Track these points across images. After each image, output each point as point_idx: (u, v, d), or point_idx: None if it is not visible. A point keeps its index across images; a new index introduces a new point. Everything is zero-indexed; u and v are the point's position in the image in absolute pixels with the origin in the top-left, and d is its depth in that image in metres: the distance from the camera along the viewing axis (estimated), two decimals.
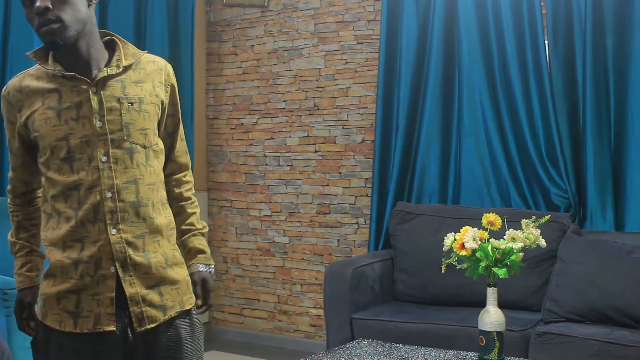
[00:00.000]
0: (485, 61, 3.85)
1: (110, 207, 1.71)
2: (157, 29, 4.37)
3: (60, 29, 1.68)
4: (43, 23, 1.67)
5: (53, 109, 1.73)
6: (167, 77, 1.90)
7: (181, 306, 1.83)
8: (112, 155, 1.73)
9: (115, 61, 1.79)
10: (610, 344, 2.84)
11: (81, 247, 1.71)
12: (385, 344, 2.74)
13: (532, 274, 3.40)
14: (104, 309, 1.70)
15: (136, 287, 1.73)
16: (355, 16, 4.37)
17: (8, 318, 2.92)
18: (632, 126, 3.51)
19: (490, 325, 2.33)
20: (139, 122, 1.78)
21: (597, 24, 3.53)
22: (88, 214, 1.71)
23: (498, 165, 3.84)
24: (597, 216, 3.58)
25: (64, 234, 1.72)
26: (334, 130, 4.45)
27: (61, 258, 1.72)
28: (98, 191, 1.71)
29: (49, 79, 1.76)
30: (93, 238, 1.71)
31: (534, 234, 2.36)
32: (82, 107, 1.73)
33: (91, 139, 1.72)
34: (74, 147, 1.72)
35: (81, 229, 1.71)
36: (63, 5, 1.67)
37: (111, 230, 1.71)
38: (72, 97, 1.73)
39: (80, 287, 1.70)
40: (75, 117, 1.72)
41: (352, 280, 3.48)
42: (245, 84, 4.80)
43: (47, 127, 1.72)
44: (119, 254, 1.72)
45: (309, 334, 4.56)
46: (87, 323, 1.70)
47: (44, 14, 1.66)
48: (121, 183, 1.73)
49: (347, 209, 4.41)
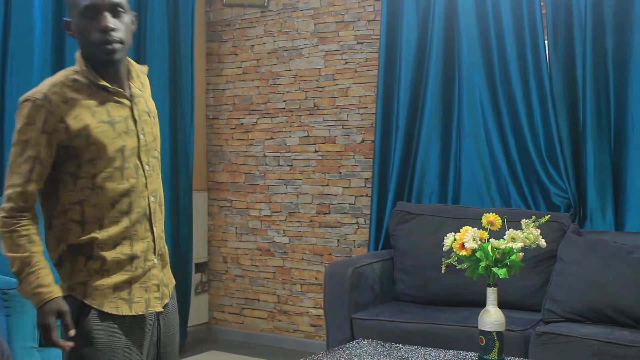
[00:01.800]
0: (485, 61, 3.85)
1: (153, 209, 1.95)
2: (157, 29, 4.37)
3: (119, 49, 1.85)
4: (107, 41, 1.82)
5: (107, 123, 1.87)
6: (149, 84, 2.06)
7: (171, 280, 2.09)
8: (151, 164, 1.96)
9: (135, 77, 1.97)
10: (610, 344, 2.84)
11: (131, 244, 1.91)
12: (385, 344, 2.74)
13: (532, 274, 3.40)
14: (152, 294, 1.96)
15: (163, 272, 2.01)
16: (355, 16, 4.37)
17: (8, 318, 2.92)
18: (632, 126, 3.51)
19: (490, 325, 2.34)
20: (158, 133, 2.02)
21: (597, 24, 3.53)
22: (139, 216, 1.92)
23: (498, 165, 3.84)
24: (597, 216, 3.58)
25: (115, 234, 1.88)
26: (334, 130, 4.45)
27: (115, 255, 1.89)
28: (145, 195, 1.93)
29: (89, 91, 1.87)
30: (141, 236, 1.92)
31: (534, 234, 2.36)
32: (128, 121, 1.91)
33: (137, 150, 1.92)
34: (126, 157, 1.89)
35: (132, 228, 1.90)
36: (124, 28, 1.86)
37: (154, 228, 1.95)
38: (120, 111, 1.90)
39: (133, 278, 1.92)
40: (126, 130, 1.90)
41: (352, 280, 3.48)
42: (245, 84, 4.80)
43: (107, 139, 1.85)
44: (160, 248, 1.99)
45: (309, 334, 4.56)
46: (140, 307, 1.92)
47: (109, 33, 1.82)
48: (157, 187, 1.98)
49: (347, 209, 4.41)
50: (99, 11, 1.82)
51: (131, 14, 1.92)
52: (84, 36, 1.86)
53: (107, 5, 1.82)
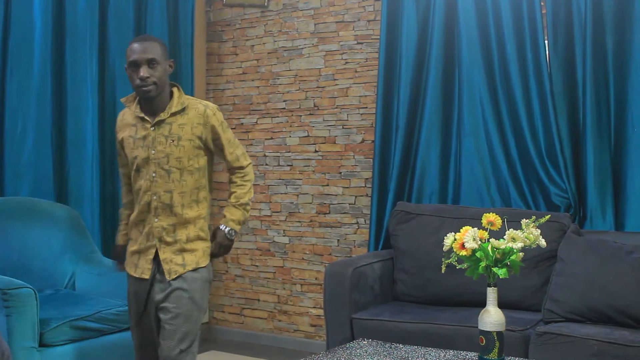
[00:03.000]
0: (485, 61, 3.85)
1: (155, 205, 2.69)
2: (157, 29, 4.37)
3: (153, 89, 2.63)
4: (144, 85, 2.61)
5: (132, 137, 2.72)
6: (206, 119, 2.71)
7: (197, 265, 2.72)
8: (157, 173, 2.67)
9: (167, 108, 2.68)
10: (610, 344, 2.84)
11: (142, 227, 2.72)
12: (385, 344, 2.74)
13: (532, 274, 3.40)
14: (147, 265, 2.72)
15: (167, 253, 2.69)
16: (355, 16, 4.37)
17: (8, 318, 2.92)
18: (632, 126, 3.51)
19: (490, 325, 2.34)
20: (176, 153, 2.67)
21: (597, 24, 3.53)
22: (144, 207, 2.71)
23: (498, 165, 3.84)
24: (597, 216, 3.58)
25: (135, 216, 2.74)
26: (334, 130, 4.45)
27: (135, 231, 2.76)
28: (149, 194, 2.69)
29: (133, 117, 2.74)
30: (147, 222, 2.71)
31: (534, 234, 2.36)
32: (146, 139, 2.68)
33: (147, 161, 2.68)
34: (139, 164, 2.69)
35: (141, 215, 2.72)
36: (158, 74, 2.63)
37: (154, 219, 2.69)
38: (142, 131, 2.70)
39: (139, 250, 2.74)
40: (142, 145, 2.68)
41: (352, 280, 3.48)
42: (245, 84, 4.80)
43: (129, 148, 2.72)
44: (157, 234, 2.70)
45: (309, 334, 4.56)
46: (139, 272, 2.73)
47: (145, 80, 2.60)
48: (161, 191, 2.68)
49: (347, 209, 4.41)
50: (139, 65, 2.61)
51: (167, 62, 2.68)
52: (130, 80, 2.65)
53: (144, 60, 2.61)
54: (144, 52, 2.60)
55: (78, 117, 3.99)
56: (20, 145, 3.77)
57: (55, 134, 3.89)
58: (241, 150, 2.82)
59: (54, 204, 3.79)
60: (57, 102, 3.90)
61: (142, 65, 2.60)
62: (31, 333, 2.96)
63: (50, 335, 3.04)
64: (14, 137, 3.75)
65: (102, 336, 3.25)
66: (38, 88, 3.81)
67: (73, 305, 3.31)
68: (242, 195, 2.78)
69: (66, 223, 3.74)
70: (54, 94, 3.87)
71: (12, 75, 3.74)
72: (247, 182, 2.80)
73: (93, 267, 3.67)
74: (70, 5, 3.93)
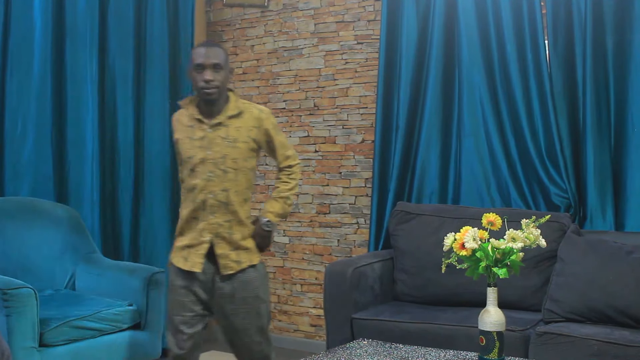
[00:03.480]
0: (485, 61, 3.85)
1: (211, 203, 2.81)
2: (157, 29, 4.37)
3: (216, 92, 2.77)
4: (207, 88, 2.75)
5: (189, 138, 2.83)
6: (260, 122, 2.86)
7: (250, 262, 2.88)
8: (214, 173, 2.80)
9: (224, 112, 2.82)
10: (610, 344, 2.84)
11: (196, 223, 2.83)
12: (385, 344, 2.74)
13: (532, 274, 3.40)
14: (198, 259, 2.83)
15: (223, 249, 2.83)
16: (355, 16, 4.37)
17: (8, 318, 2.92)
18: (632, 126, 3.51)
19: (490, 325, 2.34)
20: (232, 154, 2.81)
21: (597, 24, 3.53)
22: (199, 205, 2.82)
23: (498, 165, 3.84)
24: (597, 216, 3.58)
25: (187, 213, 2.84)
26: (334, 130, 4.45)
27: (187, 228, 2.86)
28: (205, 193, 2.80)
29: (190, 118, 2.86)
30: (202, 219, 2.82)
31: (534, 234, 2.36)
32: (203, 140, 2.81)
33: (203, 161, 2.80)
34: (195, 164, 2.81)
35: (195, 213, 2.83)
36: (221, 78, 2.77)
37: (210, 216, 2.81)
38: (199, 133, 2.82)
39: (191, 245, 2.84)
40: (199, 146, 2.80)
41: (352, 280, 3.48)
42: (245, 84, 4.80)
43: (184, 149, 2.84)
44: (213, 231, 2.82)
45: (309, 334, 4.56)
46: (188, 265, 2.84)
47: (210, 82, 2.74)
48: (217, 190, 2.81)
49: (347, 209, 4.42)
50: (204, 68, 2.75)
51: (229, 68, 2.84)
52: (194, 82, 2.79)
53: (210, 64, 2.75)
54: (210, 56, 2.76)
55: (78, 117, 3.99)
56: (20, 145, 3.77)
57: (55, 134, 3.89)
58: (291, 152, 2.99)
59: (54, 204, 3.80)
60: (57, 102, 3.90)
61: (207, 68, 2.75)
62: (31, 333, 2.96)
63: (50, 335, 3.05)
64: (14, 137, 3.75)
65: (102, 336, 3.25)
66: (38, 88, 3.81)
67: (73, 305, 3.31)
68: (284, 190, 2.95)
69: (66, 223, 3.74)
70: (54, 94, 3.87)
71: (12, 75, 3.74)
72: (293, 180, 2.97)
73: (93, 267, 3.67)
74: (70, 5, 3.93)
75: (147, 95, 4.33)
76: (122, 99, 4.21)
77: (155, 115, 4.36)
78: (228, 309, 2.87)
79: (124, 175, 4.22)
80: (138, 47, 4.28)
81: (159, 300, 3.47)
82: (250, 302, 2.87)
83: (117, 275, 3.57)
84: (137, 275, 3.48)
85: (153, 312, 3.45)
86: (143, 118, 4.32)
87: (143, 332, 3.42)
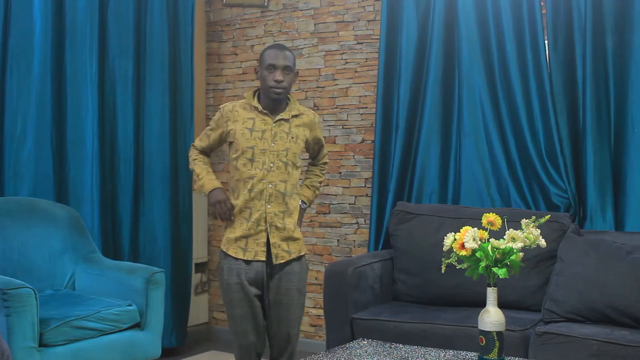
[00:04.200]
0: (485, 61, 3.85)
1: (269, 192, 2.93)
2: (157, 29, 4.37)
3: (283, 92, 2.95)
4: (277, 87, 2.91)
5: (249, 129, 2.95)
6: (313, 126, 3.08)
7: (299, 252, 3.03)
8: (275, 164, 2.94)
9: (287, 111, 3.00)
10: (610, 344, 2.84)
11: (250, 213, 2.94)
12: (385, 344, 2.74)
13: (532, 274, 3.40)
14: (260, 247, 2.95)
15: (275, 238, 2.95)
16: (355, 16, 4.37)
17: (8, 318, 2.92)
18: (632, 126, 3.51)
19: (490, 325, 2.34)
20: (293, 149, 2.99)
21: (597, 24, 3.53)
22: (257, 194, 2.93)
23: (498, 165, 3.84)
24: (597, 216, 3.58)
25: (241, 204, 2.95)
26: (334, 130, 4.45)
27: (240, 218, 2.95)
28: (265, 182, 2.93)
29: (249, 110, 2.99)
30: (257, 209, 2.93)
31: (534, 234, 2.36)
32: (265, 132, 2.95)
33: (265, 152, 2.93)
34: (255, 154, 2.93)
35: (251, 202, 2.94)
36: (289, 79, 2.95)
37: (267, 206, 2.93)
38: (261, 125, 2.96)
39: (248, 235, 2.94)
40: (261, 137, 2.94)
41: (352, 280, 3.48)
42: (245, 84, 4.80)
43: (243, 139, 2.95)
44: (269, 220, 2.94)
45: (309, 334, 4.56)
46: (250, 255, 2.95)
47: (280, 82, 2.91)
48: (277, 180, 2.95)
49: (347, 209, 4.41)
50: (276, 68, 2.92)
51: (295, 71, 3.00)
52: (264, 81, 2.94)
53: (281, 66, 2.91)
54: (282, 58, 2.94)
55: (78, 117, 3.99)
56: (20, 145, 3.77)
57: (55, 134, 3.89)
58: (327, 150, 3.31)
59: (54, 204, 3.79)
60: (57, 102, 3.90)
61: (278, 69, 2.92)
62: (31, 333, 2.96)
63: (50, 335, 3.04)
64: (14, 137, 3.75)
65: (102, 336, 3.25)
66: (38, 88, 3.81)
67: (73, 305, 3.31)
68: (316, 181, 3.25)
69: (66, 223, 3.74)
70: (54, 94, 3.87)
71: (12, 75, 3.74)
72: (324, 175, 3.30)
73: (93, 267, 3.67)
74: (70, 5, 3.93)
75: (147, 95, 4.33)
76: (122, 99, 4.21)
77: (155, 115, 4.36)
78: (272, 299, 2.99)
79: (124, 175, 4.22)
80: (138, 47, 4.28)
81: (159, 300, 3.47)
82: (293, 294, 3.00)
83: (117, 275, 3.57)
84: (137, 275, 3.48)
85: (153, 312, 3.44)
86: (143, 118, 4.32)
87: (143, 332, 3.42)
